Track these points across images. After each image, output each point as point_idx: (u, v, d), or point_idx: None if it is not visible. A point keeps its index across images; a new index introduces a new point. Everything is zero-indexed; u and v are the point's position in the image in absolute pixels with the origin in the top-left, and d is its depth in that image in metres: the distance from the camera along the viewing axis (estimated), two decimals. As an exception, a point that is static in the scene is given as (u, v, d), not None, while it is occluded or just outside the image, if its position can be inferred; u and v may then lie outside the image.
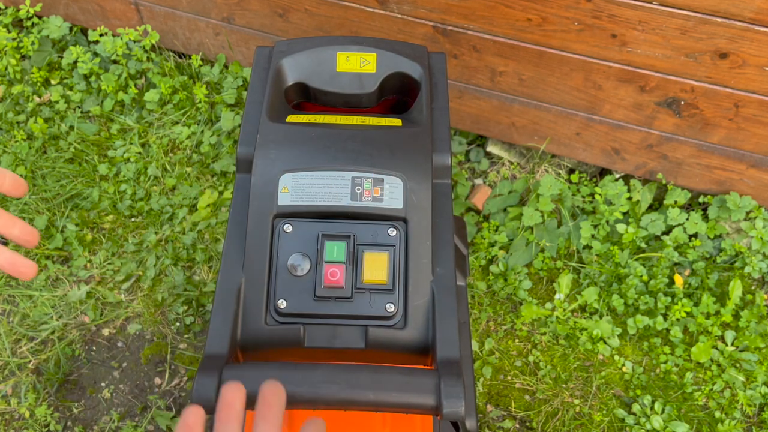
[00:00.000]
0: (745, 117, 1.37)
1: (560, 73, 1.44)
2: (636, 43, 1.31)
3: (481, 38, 1.44)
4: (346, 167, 0.70)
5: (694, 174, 1.56)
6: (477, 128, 1.70)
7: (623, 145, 1.56)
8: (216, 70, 1.89)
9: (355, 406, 0.57)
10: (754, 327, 1.50)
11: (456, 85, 1.59)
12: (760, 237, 1.52)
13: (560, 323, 1.54)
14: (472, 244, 1.66)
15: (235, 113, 1.81)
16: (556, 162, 1.74)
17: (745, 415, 1.44)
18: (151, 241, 1.69)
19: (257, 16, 1.66)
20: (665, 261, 1.56)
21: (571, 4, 1.28)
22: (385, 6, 1.46)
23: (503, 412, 1.46)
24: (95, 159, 1.84)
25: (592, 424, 1.43)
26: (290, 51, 0.82)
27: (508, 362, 1.52)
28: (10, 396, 1.53)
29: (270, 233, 0.69)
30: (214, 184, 1.78)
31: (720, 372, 1.48)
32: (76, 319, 1.61)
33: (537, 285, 1.61)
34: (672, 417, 1.42)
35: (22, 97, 1.96)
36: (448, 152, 0.75)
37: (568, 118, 1.55)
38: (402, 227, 0.69)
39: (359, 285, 0.67)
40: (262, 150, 0.71)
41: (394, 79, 0.83)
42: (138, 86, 1.96)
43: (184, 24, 1.82)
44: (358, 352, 0.66)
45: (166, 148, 1.85)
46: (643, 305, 1.53)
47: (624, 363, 1.50)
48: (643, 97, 1.42)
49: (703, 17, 1.22)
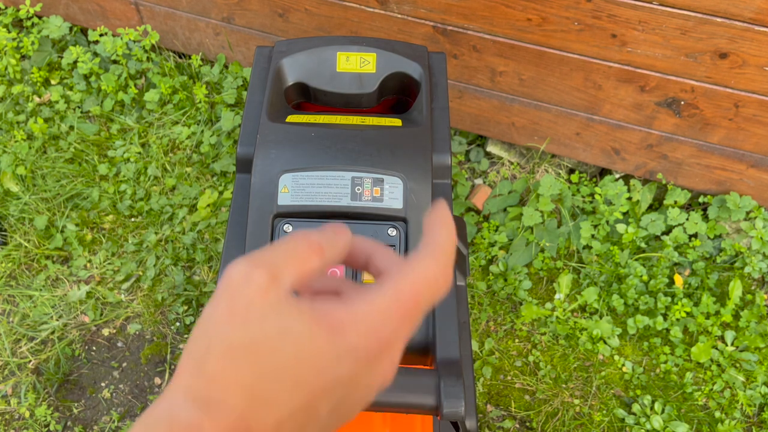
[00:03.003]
0: (745, 117, 1.37)
1: (560, 73, 1.44)
2: (636, 43, 1.31)
3: (481, 38, 1.44)
4: (346, 167, 0.70)
5: (694, 174, 1.56)
6: (477, 128, 1.70)
7: (623, 145, 1.56)
8: (216, 70, 1.89)
9: (355, 406, 0.57)
10: (754, 327, 1.50)
11: (456, 85, 1.59)
12: (760, 237, 1.52)
13: (560, 323, 1.54)
14: (472, 244, 1.66)
15: (235, 113, 1.81)
16: (556, 162, 1.74)
17: (745, 415, 1.44)
18: (151, 241, 1.69)
19: (257, 16, 1.66)
20: (665, 261, 1.56)
21: (571, 4, 1.28)
22: (385, 6, 1.46)
23: (503, 412, 1.46)
24: (95, 159, 1.84)
25: (592, 424, 1.43)
26: (290, 51, 0.82)
27: (508, 362, 1.52)
28: (10, 396, 1.53)
29: (270, 233, 0.69)
30: (214, 184, 1.78)
31: (720, 372, 1.48)
32: (76, 319, 1.61)
33: (537, 285, 1.61)
34: (672, 417, 1.42)
35: (22, 97, 1.96)
36: (448, 152, 0.75)
37: (568, 118, 1.55)
38: (402, 227, 0.69)
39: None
40: (262, 150, 0.71)
41: (394, 79, 0.83)
42: (138, 86, 1.95)
43: (184, 24, 1.82)
44: (358, 352, 0.66)
45: (166, 148, 1.85)
46: (643, 305, 1.53)
47: (624, 363, 1.50)
48: (643, 97, 1.42)
49: (703, 17, 1.21)
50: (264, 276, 0.32)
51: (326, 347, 0.31)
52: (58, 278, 1.67)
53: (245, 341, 0.31)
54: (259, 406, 0.30)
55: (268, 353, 0.31)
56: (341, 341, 0.31)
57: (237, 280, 0.32)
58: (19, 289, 1.66)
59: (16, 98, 1.96)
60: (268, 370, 0.31)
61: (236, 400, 0.30)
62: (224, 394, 0.30)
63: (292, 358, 0.31)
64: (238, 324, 0.31)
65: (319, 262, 0.33)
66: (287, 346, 0.31)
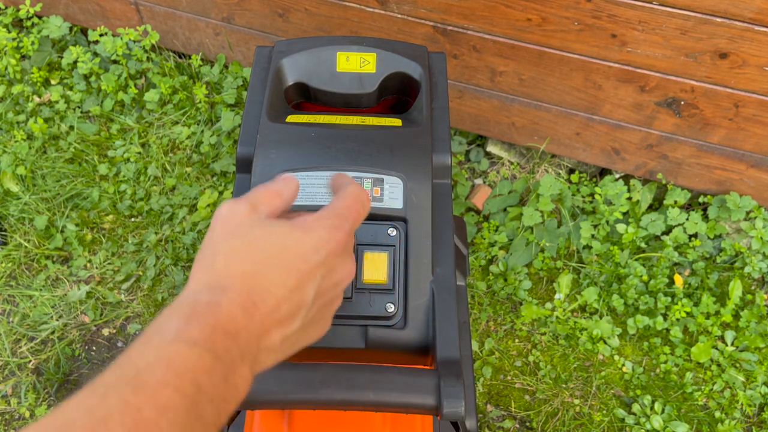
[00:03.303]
0: (745, 117, 1.37)
1: (560, 73, 1.44)
2: (636, 43, 1.31)
3: (481, 38, 1.44)
4: (346, 167, 0.70)
5: (694, 174, 1.56)
6: (477, 128, 1.70)
7: (623, 145, 1.56)
8: (216, 70, 1.89)
9: (356, 406, 0.57)
10: (754, 327, 1.50)
11: (456, 85, 1.59)
12: (760, 237, 1.52)
13: (560, 323, 1.54)
14: (472, 244, 1.66)
15: (235, 113, 1.81)
16: (556, 162, 1.74)
17: (745, 415, 1.44)
18: (151, 241, 1.69)
19: (257, 16, 1.66)
20: (665, 261, 1.56)
21: (571, 4, 1.28)
22: (385, 6, 1.46)
23: (503, 412, 1.46)
24: (95, 159, 1.84)
25: (592, 424, 1.43)
26: (290, 51, 0.82)
27: (508, 362, 1.52)
28: (10, 396, 1.53)
29: (270, 233, 0.69)
30: (214, 184, 1.78)
31: (720, 372, 1.48)
32: (76, 319, 1.61)
33: (537, 285, 1.61)
34: (672, 417, 1.42)
35: (22, 97, 1.96)
36: (448, 152, 0.75)
37: (568, 118, 1.55)
38: (402, 227, 0.69)
39: (359, 285, 0.67)
40: (262, 150, 0.71)
41: (394, 79, 0.83)
42: (138, 86, 1.96)
43: (184, 24, 1.82)
44: (358, 352, 0.66)
45: (166, 148, 1.85)
46: (643, 305, 1.53)
47: (624, 363, 1.50)
48: (643, 97, 1.42)
49: (703, 17, 1.22)
50: (245, 205, 0.43)
51: (304, 239, 0.42)
52: (58, 278, 1.68)
53: (242, 243, 0.41)
54: (261, 288, 0.39)
55: (261, 249, 0.41)
56: (314, 234, 0.42)
57: (225, 212, 0.43)
58: (19, 289, 1.66)
59: (16, 98, 1.96)
60: (262, 259, 0.40)
61: (242, 283, 0.38)
62: (232, 281, 0.38)
63: (279, 249, 0.41)
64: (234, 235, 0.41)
65: (280, 201, 0.45)
66: (275, 243, 0.41)
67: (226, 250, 0.40)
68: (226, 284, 0.38)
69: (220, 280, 0.39)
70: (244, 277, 0.39)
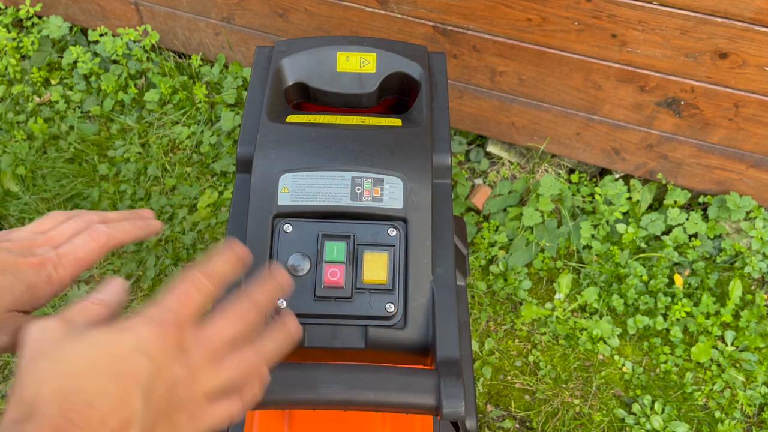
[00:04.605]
0: (745, 117, 1.37)
1: (560, 73, 1.44)
2: (636, 43, 1.31)
3: (481, 38, 1.44)
4: (346, 167, 0.70)
5: (694, 174, 1.56)
6: (477, 128, 1.70)
7: (623, 145, 1.56)
8: (216, 70, 1.89)
9: (355, 406, 0.57)
10: (754, 327, 1.50)
11: (456, 85, 1.59)
12: (760, 237, 1.52)
13: (560, 323, 1.54)
14: (472, 244, 1.66)
15: (235, 113, 1.81)
16: (556, 162, 1.74)
17: (745, 415, 1.44)
18: (151, 241, 1.69)
19: (257, 16, 1.67)
20: (665, 261, 1.56)
21: (571, 4, 1.28)
22: (385, 6, 1.46)
23: (503, 412, 1.46)
24: (95, 159, 1.84)
25: (592, 424, 1.43)
26: (290, 51, 0.82)
27: (508, 362, 1.52)
28: (10, 396, 1.53)
29: (270, 233, 0.69)
30: (214, 184, 1.78)
31: (720, 372, 1.48)
32: (76, 319, 1.61)
33: (537, 285, 1.61)
34: (672, 417, 1.42)
35: (22, 97, 1.96)
36: (448, 152, 0.75)
37: (568, 118, 1.55)
38: (402, 227, 0.69)
39: (359, 285, 0.67)
40: (262, 150, 0.71)
41: (394, 79, 0.83)
42: (138, 86, 1.96)
43: (184, 24, 1.82)
44: (358, 352, 0.66)
45: (166, 148, 1.85)
46: (643, 305, 1.53)
47: (624, 363, 1.50)
48: (643, 97, 1.42)
49: (703, 17, 1.22)
50: (56, 321, 0.38)
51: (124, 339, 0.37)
52: (58, 278, 1.67)
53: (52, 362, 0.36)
54: (79, 403, 0.34)
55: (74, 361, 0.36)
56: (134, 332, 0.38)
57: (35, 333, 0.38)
58: (19, 289, 1.66)
59: (16, 98, 1.96)
60: (76, 372, 0.35)
61: (54, 405, 0.33)
62: (42, 406, 0.33)
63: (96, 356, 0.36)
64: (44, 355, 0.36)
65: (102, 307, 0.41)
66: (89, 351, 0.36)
67: (34, 375, 0.35)
68: (33, 411, 0.33)
69: (27, 408, 0.34)
70: (56, 397, 0.34)
